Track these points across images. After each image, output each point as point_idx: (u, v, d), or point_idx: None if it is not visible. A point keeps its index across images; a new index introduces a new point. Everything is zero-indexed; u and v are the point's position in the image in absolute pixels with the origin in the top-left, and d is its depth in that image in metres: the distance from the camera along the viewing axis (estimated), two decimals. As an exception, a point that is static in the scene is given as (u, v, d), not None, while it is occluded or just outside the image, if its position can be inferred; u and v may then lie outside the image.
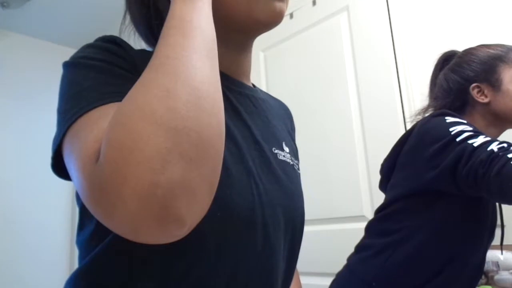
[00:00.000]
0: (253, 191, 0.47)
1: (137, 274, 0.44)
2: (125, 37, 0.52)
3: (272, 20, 0.52)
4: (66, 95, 0.43)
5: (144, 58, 0.47)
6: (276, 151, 0.55)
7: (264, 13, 0.51)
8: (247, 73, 0.60)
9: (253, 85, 0.65)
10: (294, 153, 0.64)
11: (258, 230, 0.47)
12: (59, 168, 0.42)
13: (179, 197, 0.32)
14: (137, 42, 0.56)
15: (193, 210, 0.33)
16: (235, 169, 0.45)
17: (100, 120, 0.37)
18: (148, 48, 0.57)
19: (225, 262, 0.45)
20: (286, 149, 0.58)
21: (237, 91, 0.55)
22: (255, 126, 0.54)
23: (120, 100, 0.39)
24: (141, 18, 0.55)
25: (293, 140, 0.69)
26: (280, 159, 0.55)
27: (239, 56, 0.57)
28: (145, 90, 0.34)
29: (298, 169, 0.61)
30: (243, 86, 0.58)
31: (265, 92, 0.63)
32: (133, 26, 0.57)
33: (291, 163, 0.58)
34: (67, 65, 0.46)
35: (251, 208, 0.46)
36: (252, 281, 0.47)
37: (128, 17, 0.57)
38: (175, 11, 0.40)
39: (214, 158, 0.35)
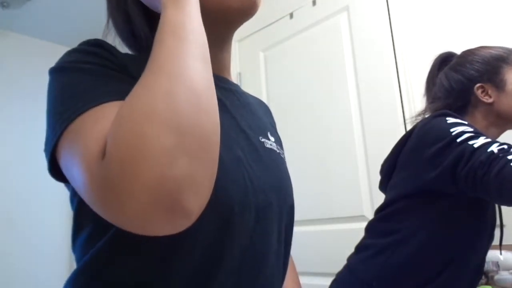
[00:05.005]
0: (245, 177, 0.48)
1: (137, 268, 0.45)
2: (109, 41, 0.52)
3: (246, 6, 0.53)
4: (58, 98, 0.42)
5: (132, 60, 0.48)
6: (262, 140, 0.57)
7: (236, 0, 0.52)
8: (228, 68, 0.62)
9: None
10: (279, 142, 0.66)
11: (251, 214, 0.48)
12: (55, 170, 0.42)
13: (186, 190, 0.34)
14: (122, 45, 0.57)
15: (198, 200, 0.35)
16: (226, 158, 0.47)
17: (100, 121, 0.38)
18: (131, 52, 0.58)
19: (220, 245, 0.46)
20: (272, 138, 0.60)
21: (220, 86, 0.57)
22: (241, 117, 0.56)
23: (116, 100, 0.40)
24: (123, 23, 0.56)
25: (276, 132, 0.70)
26: (267, 147, 0.57)
27: (219, 51, 0.58)
28: (147, 92, 0.36)
29: (284, 157, 0.64)
30: (225, 81, 0.60)
31: (243, 90, 0.65)
32: (115, 30, 0.58)
33: (278, 151, 0.60)
34: (54, 71, 0.46)
35: (244, 193, 0.48)
36: (245, 262, 0.49)
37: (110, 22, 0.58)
38: (167, 17, 0.41)
39: (213, 151, 0.37)
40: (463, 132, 0.80)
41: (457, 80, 0.99)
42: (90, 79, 0.43)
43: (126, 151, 0.33)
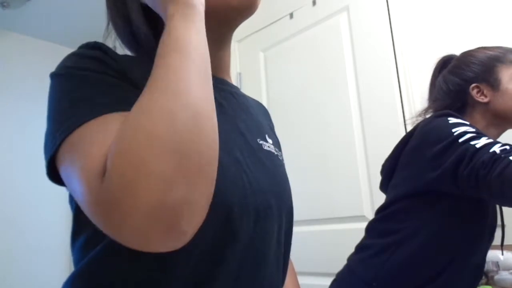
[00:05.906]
0: (244, 179, 0.49)
1: (135, 271, 0.45)
2: (109, 43, 0.52)
3: (245, 5, 0.53)
4: (59, 106, 0.43)
5: (132, 62, 0.48)
6: (260, 142, 0.57)
7: None
8: (227, 70, 0.62)
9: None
10: (277, 144, 0.66)
11: (250, 216, 0.49)
12: (54, 174, 0.43)
13: (183, 213, 0.35)
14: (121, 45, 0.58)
15: (194, 222, 0.36)
16: (225, 160, 0.47)
17: (100, 134, 0.38)
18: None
19: (219, 247, 0.46)
20: (270, 140, 0.60)
21: (220, 88, 0.57)
22: (239, 119, 0.56)
23: (116, 110, 0.40)
24: (122, 26, 0.56)
25: (274, 134, 0.70)
26: (265, 149, 0.57)
27: (218, 51, 0.58)
28: (148, 113, 0.36)
29: (282, 159, 0.64)
30: (225, 83, 0.60)
31: (241, 91, 0.65)
32: (115, 33, 0.58)
33: (276, 153, 0.60)
34: (55, 76, 0.46)
35: (243, 195, 0.48)
36: (245, 264, 0.49)
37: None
38: (171, 30, 0.41)
39: (211, 173, 0.38)
40: (465, 132, 0.80)
41: (454, 82, 0.99)
42: (89, 87, 0.43)
43: (126, 173, 0.33)
